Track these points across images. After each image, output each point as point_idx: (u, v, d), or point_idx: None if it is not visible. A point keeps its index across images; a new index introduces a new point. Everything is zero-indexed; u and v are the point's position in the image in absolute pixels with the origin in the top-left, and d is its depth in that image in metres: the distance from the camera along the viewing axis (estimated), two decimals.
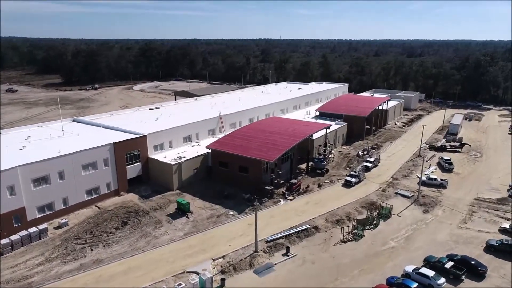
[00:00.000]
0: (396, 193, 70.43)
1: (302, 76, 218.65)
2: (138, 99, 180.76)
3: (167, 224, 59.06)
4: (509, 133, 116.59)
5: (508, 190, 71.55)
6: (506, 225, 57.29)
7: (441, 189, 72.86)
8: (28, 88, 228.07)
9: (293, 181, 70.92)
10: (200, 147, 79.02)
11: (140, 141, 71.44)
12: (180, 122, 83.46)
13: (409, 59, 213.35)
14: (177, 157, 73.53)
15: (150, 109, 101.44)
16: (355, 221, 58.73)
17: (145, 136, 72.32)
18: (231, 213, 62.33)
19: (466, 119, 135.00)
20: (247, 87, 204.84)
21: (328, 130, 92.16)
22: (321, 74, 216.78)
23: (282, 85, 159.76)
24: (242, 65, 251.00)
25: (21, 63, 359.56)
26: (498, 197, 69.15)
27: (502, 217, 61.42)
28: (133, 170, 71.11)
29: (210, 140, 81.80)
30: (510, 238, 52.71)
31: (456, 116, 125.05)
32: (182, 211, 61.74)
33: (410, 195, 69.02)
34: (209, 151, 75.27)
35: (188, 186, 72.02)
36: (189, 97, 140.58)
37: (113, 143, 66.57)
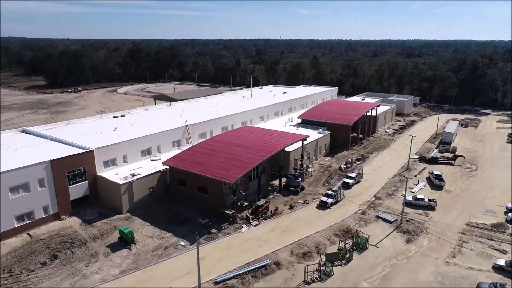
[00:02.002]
0: (377, 217, 61.66)
1: (293, 78, 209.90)
2: (119, 103, 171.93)
3: (104, 258, 50.35)
4: (507, 142, 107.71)
5: (505, 212, 62.79)
6: (502, 261, 48.47)
7: (429, 211, 64.08)
8: (9, 90, 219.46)
9: (259, 203, 62.12)
10: (160, 162, 70.29)
11: (85, 157, 62.71)
12: (140, 133, 74.85)
13: (404, 60, 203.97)
14: (130, 174, 64.82)
15: (114, 116, 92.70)
16: (324, 255, 49.91)
17: (92, 151, 63.56)
18: (182, 243, 53.58)
19: (462, 126, 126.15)
20: (237, 89, 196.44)
21: (309, 140, 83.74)
22: (313, 76, 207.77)
23: (268, 88, 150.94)
24: (232, 67, 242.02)
25: (9, 64, 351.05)
26: (493, 221, 60.31)
27: (497, 249, 52.59)
28: (78, 190, 62.44)
29: (175, 152, 73.01)
30: (505, 283, 43.77)
31: (451, 123, 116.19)
32: (125, 241, 53.04)
33: (392, 220, 60.23)
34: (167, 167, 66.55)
35: (142, 208, 63.36)
36: (170, 101, 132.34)
37: (50, 160, 57.88)
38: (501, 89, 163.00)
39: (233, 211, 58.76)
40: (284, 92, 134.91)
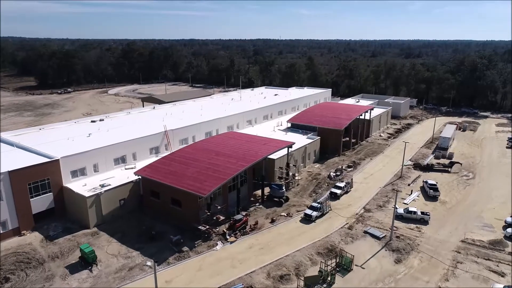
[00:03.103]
0: (365, 232, 56.90)
1: (288, 79, 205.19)
2: (107, 105, 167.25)
3: (60, 281, 45.61)
4: (507, 147, 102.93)
5: (504, 227, 58.02)
6: (500, 286, 43.69)
7: (422, 225, 59.29)
8: None
9: (238, 216, 57.36)
10: (135, 171, 65.45)
11: (50, 167, 57.96)
12: (115, 140, 70.12)
13: (401, 61, 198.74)
14: (99, 185, 60.04)
15: (92, 121, 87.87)
16: (303, 279, 45.13)
17: (58, 160, 58.82)
18: (149, 263, 48.77)
19: (459, 129, 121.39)
20: (230, 90, 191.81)
21: (297, 146, 79.19)
22: (308, 77, 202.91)
23: (259, 90, 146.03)
24: (226, 67, 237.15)
25: (3, 64, 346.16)
26: (491, 238, 55.52)
27: (494, 271, 47.80)
28: (42, 202, 57.72)
29: (153, 160, 68.14)
30: None
31: (448, 127, 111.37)
32: (86, 261, 48.28)
33: (381, 236, 55.46)
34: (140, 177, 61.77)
35: (111, 222, 58.65)
36: (158, 104, 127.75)
37: (8, 171, 53.14)
38: (501, 91, 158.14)
39: (208, 226, 53.93)
40: (276, 94, 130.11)
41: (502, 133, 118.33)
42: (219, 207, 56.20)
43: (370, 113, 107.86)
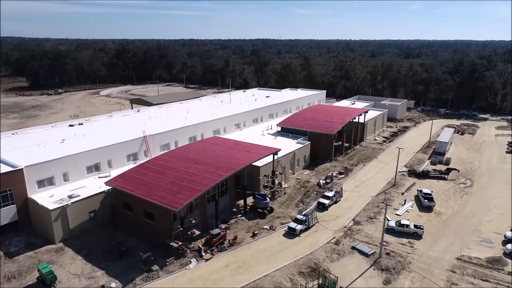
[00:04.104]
0: (353, 248, 52.56)
1: (284, 80, 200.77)
2: (97, 107, 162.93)
3: None
4: (507, 152, 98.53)
5: (504, 242, 53.68)
6: None
7: (415, 240, 54.94)
8: None
9: (215, 231, 53.04)
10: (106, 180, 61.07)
11: (12, 177, 53.60)
12: (90, 146, 65.86)
13: (398, 62, 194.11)
14: (68, 196, 55.74)
15: (70, 125, 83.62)
16: None
17: (21, 169, 54.50)
18: (113, 285, 44.46)
19: (458, 133, 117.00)
20: (225, 91, 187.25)
21: (285, 152, 75.07)
22: (304, 78, 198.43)
23: (251, 92, 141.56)
24: (221, 68, 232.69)
25: None
26: (489, 255, 51.15)
27: None
28: (4, 215, 53.52)
29: (131, 167, 63.82)
30: None
31: (445, 130, 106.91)
32: (44, 283, 43.95)
33: (370, 252, 51.11)
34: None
35: (79, 236, 54.37)
36: (148, 105, 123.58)
37: None
38: (501, 92, 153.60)
39: (180, 243, 49.56)
40: (267, 96, 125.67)
41: (502, 136, 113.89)
42: (193, 221, 51.79)
43: (365, 116, 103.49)
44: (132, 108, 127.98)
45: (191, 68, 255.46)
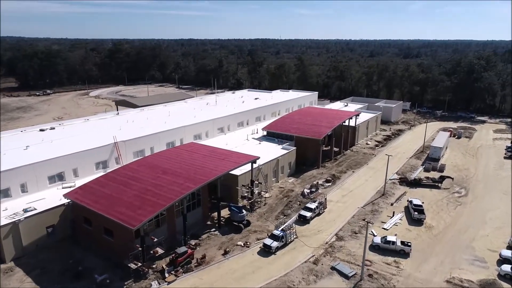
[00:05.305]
0: (333, 268, 47.77)
1: (277, 80, 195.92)
2: (83, 108, 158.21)
3: None
4: (505, 157, 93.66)
5: (499, 262, 48.85)
6: None
7: (401, 258, 50.15)
8: None
9: (181, 249, 48.27)
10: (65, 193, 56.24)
11: None
12: (56, 153, 61.22)
13: (395, 62, 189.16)
14: (23, 209, 51.02)
15: (41, 130, 78.92)
16: None
17: None
18: None
19: (454, 136, 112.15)
20: (218, 92, 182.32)
21: (269, 158, 70.49)
22: (298, 79, 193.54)
23: (240, 93, 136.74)
24: (214, 68, 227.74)
25: None
26: (482, 277, 46.33)
27: None
28: None
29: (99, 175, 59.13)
30: None
31: (441, 134, 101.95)
32: None
33: (350, 274, 46.31)
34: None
35: (36, 253, 49.69)
36: (133, 107, 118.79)
37: None
38: (499, 94, 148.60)
39: (139, 264, 44.76)
40: (256, 98, 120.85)
41: (500, 140, 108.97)
42: (155, 240, 46.99)
43: (356, 119, 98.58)
44: (117, 110, 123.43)
45: (184, 69, 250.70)
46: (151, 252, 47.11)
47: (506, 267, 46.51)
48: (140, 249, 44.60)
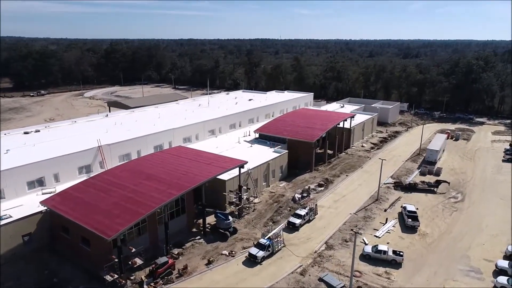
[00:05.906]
0: (320, 280, 45.56)
1: (274, 81, 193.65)
2: (76, 109, 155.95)
3: None
4: (503, 160, 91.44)
5: (495, 273, 46.61)
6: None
7: (393, 269, 47.94)
8: None
9: (161, 259, 46.06)
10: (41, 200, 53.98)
11: None
12: (35, 157, 59.02)
13: (393, 62, 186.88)
14: (2, 216, 48.84)
15: (25, 132, 76.68)
16: None
17: None
18: None
19: (451, 138, 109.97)
20: (214, 93, 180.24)
21: (259, 162, 68.35)
22: (294, 79, 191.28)
23: (234, 94, 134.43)
24: (210, 69, 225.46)
25: None
26: None
27: None
28: None
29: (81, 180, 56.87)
30: None
31: (437, 137, 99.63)
32: None
33: (339, 286, 44.08)
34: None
35: (9, 264, 47.41)
36: (126, 109, 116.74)
37: None
38: (498, 95, 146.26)
39: (116, 276, 42.55)
40: (250, 99, 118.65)
41: (499, 142, 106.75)
42: (133, 250, 44.78)
43: (351, 121, 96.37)
44: (109, 111, 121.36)
45: (180, 69, 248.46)
46: (130, 263, 44.91)
47: (502, 279, 44.29)
48: (116, 260, 42.35)
